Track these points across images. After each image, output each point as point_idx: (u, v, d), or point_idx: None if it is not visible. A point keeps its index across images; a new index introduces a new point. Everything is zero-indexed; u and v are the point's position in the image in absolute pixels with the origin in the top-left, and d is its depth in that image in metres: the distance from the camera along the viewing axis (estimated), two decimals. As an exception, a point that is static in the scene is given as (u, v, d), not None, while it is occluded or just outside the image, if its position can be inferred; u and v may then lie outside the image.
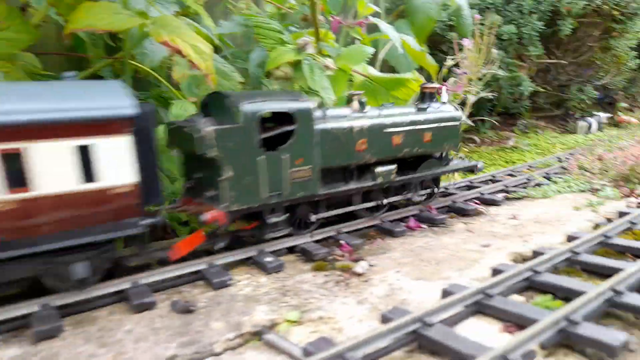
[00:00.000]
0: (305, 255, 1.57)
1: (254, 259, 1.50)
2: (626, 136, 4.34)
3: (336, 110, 1.72)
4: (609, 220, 1.85)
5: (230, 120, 1.40)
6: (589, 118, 4.83)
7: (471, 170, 2.29)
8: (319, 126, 1.60)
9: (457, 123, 2.09)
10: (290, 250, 1.62)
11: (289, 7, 2.04)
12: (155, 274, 1.34)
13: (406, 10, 1.81)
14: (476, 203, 2.20)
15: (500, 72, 3.68)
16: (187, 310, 1.20)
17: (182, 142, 1.44)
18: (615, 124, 5.47)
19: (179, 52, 1.40)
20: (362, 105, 1.80)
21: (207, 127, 1.34)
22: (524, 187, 2.50)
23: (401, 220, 1.93)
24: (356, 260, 1.51)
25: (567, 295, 1.19)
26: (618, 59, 4.66)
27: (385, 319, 1.11)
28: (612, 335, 0.96)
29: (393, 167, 1.87)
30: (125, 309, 1.23)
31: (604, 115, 5.09)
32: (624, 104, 6.03)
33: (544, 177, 2.71)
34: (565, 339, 1.00)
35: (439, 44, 4.13)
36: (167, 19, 1.46)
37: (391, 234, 1.79)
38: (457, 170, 2.21)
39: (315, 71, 1.63)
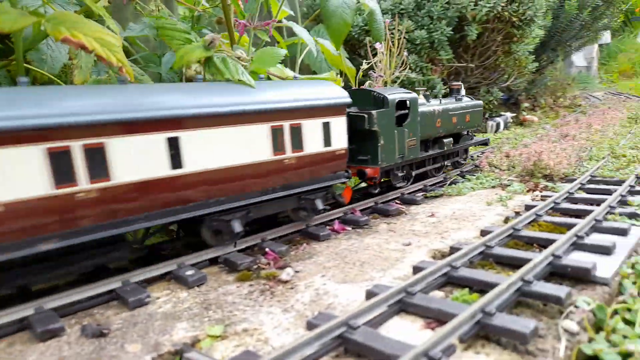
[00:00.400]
0: (228, 265, 1.53)
1: (174, 274, 1.43)
2: (529, 134, 4.69)
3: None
4: (517, 213, 1.98)
5: (381, 106, 2.10)
6: (497, 118, 5.16)
7: (485, 143, 3.38)
8: (420, 110, 2.34)
9: (481, 108, 3.11)
10: (213, 261, 1.57)
11: (203, 9, 1.97)
12: (62, 297, 1.23)
13: (322, 15, 1.82)
14: (397, 203, 2.26)
15: (413, 75, 3.83)
16: (99, 334, 1.11)
17: (350, 122, 1.99)
18: (520, 122, 5.90)
19: (82, 47, 1.28)
20: (426, 97, 2.62)
21: (373, 111, 2.03)
22: (441, 186, 2.61)
23: (326, 224, 1.93)
24: (282, 268, 1.49)
25: (482, 288, 1.24)
26: (519, 63, 5.01)
27: (310, 326, 1.10)
28: (523, 323, 1.01)
29: (451, 139, 2.75)
30: (28, 338, 1.12)
31: (510, 115, 5.46)
32: (526, 104, 6.53)
33: (459, 175, 2.85)
34: (481, 330, 1.04)
35: (357, 48, 4.22)
36: (65, 14, 1.33)
37: (316, 238, 1.79)
38: (477, 143, 3.21)
39: (228, 63, 1.60)
